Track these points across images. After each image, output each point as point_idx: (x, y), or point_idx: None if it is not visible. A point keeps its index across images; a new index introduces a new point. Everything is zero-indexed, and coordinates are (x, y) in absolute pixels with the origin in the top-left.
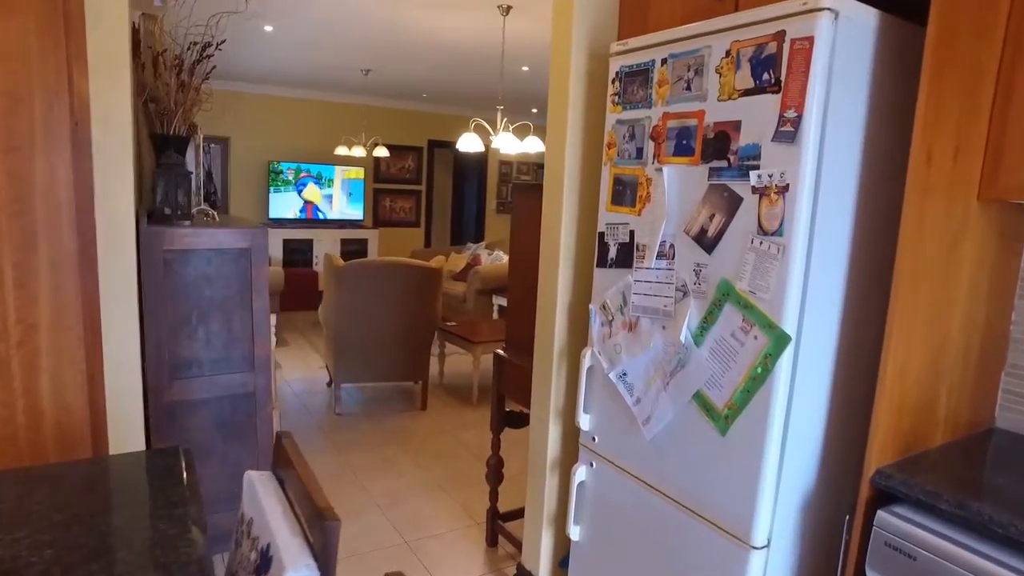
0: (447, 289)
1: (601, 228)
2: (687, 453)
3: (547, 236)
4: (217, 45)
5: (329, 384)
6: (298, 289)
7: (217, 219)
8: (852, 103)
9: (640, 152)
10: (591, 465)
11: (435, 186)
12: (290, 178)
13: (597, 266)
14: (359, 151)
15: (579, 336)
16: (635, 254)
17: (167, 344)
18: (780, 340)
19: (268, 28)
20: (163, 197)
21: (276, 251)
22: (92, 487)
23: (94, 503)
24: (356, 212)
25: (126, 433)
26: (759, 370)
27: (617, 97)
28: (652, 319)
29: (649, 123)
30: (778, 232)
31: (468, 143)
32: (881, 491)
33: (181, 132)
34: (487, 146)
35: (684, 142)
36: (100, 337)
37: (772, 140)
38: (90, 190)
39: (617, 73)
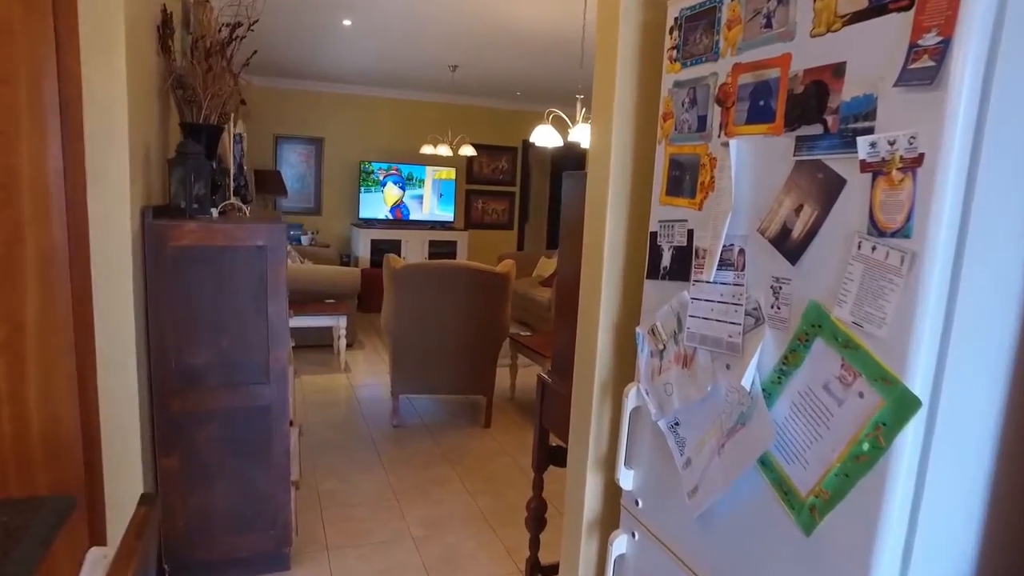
0: (532, 295)
1: (653, 227)
2: (752, 549)
3: (590, 236)
4: (249, 26)
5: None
6: (382, 291)
7: (247, 214)
8: None
9: (702, 123)
10: (633, 536)
11: (531, 187)
12: (380, 178)
13: (647, 277)
14: (444, 150)
15: (627, 366)
16: (693, 262)
17: (174, 349)
18: (903, 403)
19: (347, 22)
20: (177, 189)
21: (364, 251)
22: None
23: None
24: (447, 214)
25: (122, 446)
26: (865, 446)
27: (675, 52)
28: (712, 353)
29: (715, 81)
30: (903, 231)
31: (543, 136)
32: None
33: (213, 121)
34: (564, 139)
35: (761, 103)
36: (93, 340)
37: (897, 84)
38: (82, 179)
39: (676, 19)
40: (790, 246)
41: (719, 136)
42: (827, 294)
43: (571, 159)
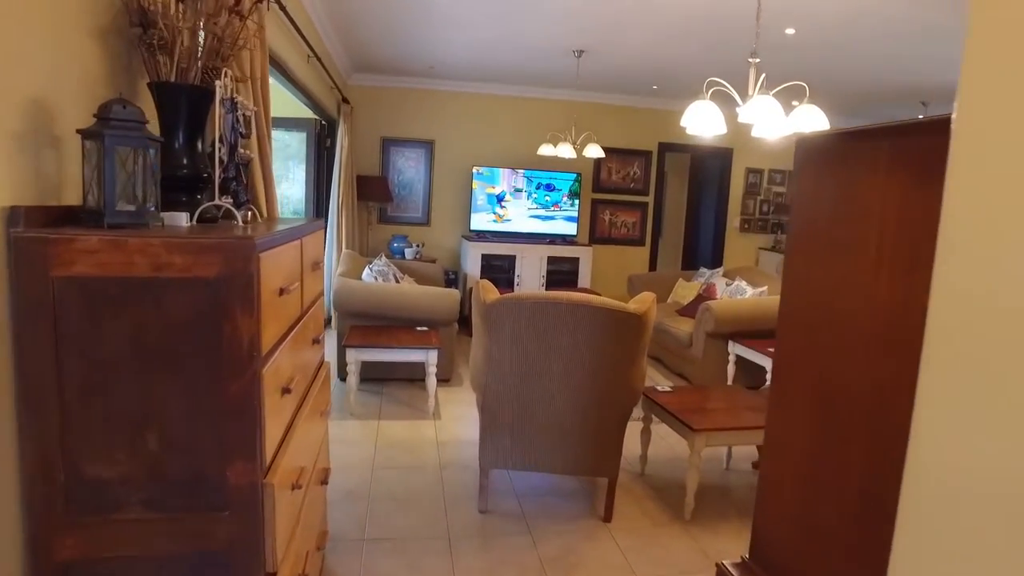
0: (668, 326)
1: None
2: None
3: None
4: None
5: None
6: None
7: (243, 223)
8: None
9: None
10: None
11: (666, 198)
12: (495, 184)
13: None
14: (567, 150)
15: None
16: None
17: (63, 452)
18: None
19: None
20: (90, 184)
21: (474, 267)
22: None
23: None
24: (569, 226)
25: None
26: None
27: None
28: None
29: None
30: None
31: (699, 117)
32: None
33: (194, 79)
34: (729, 128)
35: None
36: None
37: None
38: None
39: None
40: None
41: None
42: None
43: (713, 167)
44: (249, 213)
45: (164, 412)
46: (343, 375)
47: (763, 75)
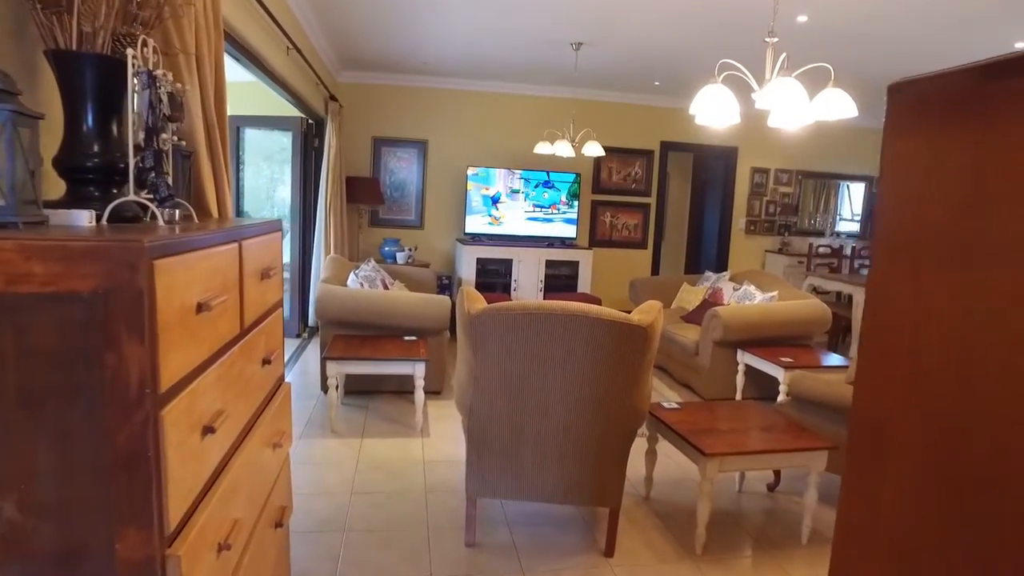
0: (673, 334)
1: None
2: None
3: None
4: None
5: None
6: None
7: (167, 222)
8: None
9: None
10: None
11: (668, 199)
12: (490, 186)
13: None
14: (565, 148)
15: None
16: None
17: None
18: None
19: None
20: None
21: (468, 271)
22: None
23: None
24: (568, 229)
25: None
26: None
27: None
28: None
29: None
30: None
31: (710, 103)
32: None
33: (102, 47)
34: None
35: None
36: None
37: None
38: None
39: None
40: None
41: None
42: None
43: (717, 166)
44: (177, 212)
45: (27, 469)
46: (326, 388)
47: (783, 55)
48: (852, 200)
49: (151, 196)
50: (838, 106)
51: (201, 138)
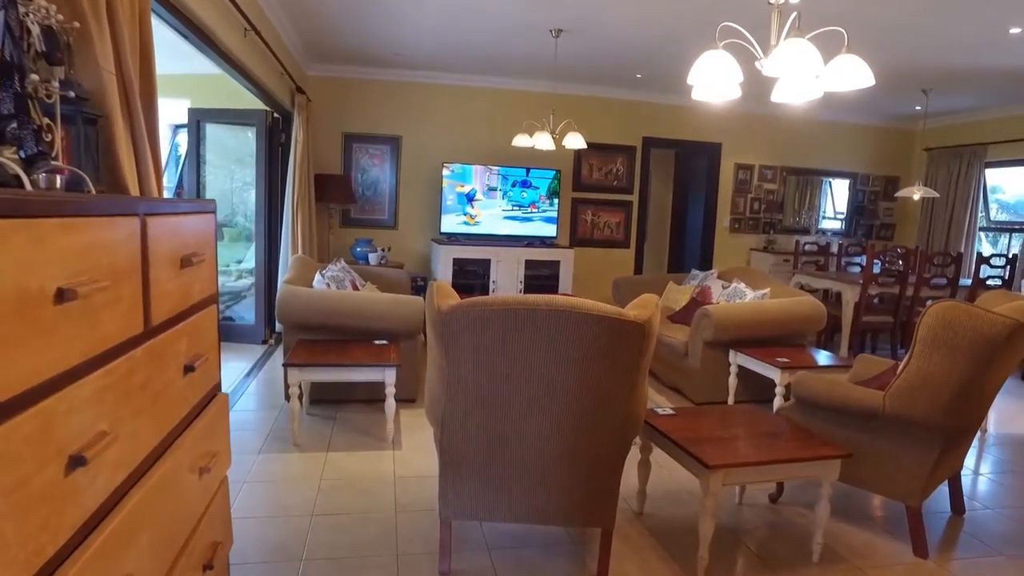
0: (660, 334)
1: None
2: None
3: None
4: None
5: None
6: None
7: (38, 189)
8: None
9: None
10: None
11: (650, 197)
12: (465, 183)
13: None
14: (545, 140)
15: None
16: None
17: None
18: None
19: None
20: None
21: (445, 272)
22: None
23: None
24: (548, 228)
25: None
26: None
27: None
28: None
29: None
30: None
31: (710, 73)
32: None
33: None
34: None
35: None
36: None
37: None
38: None
39: None
40: None
41: None
42: None
43: (700, 164)
44: (59, 178)
45: None
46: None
47: (794, 13)
48: (835, 197)
49: (20, 156)
50: (853, 75)
51: (115, 101)
